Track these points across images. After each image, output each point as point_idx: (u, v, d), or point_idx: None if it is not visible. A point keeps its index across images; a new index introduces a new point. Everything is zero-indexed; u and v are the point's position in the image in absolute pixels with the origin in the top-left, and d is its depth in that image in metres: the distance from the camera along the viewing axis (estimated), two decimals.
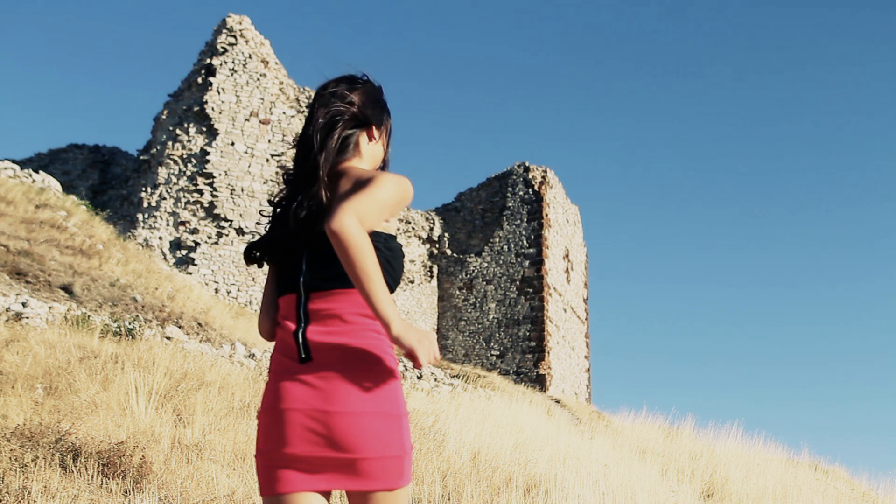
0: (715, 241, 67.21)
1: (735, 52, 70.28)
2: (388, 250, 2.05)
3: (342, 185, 2.06)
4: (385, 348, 2.03)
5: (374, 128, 2.18)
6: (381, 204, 1.94)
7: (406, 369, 12.73)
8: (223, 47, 22.07)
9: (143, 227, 20.82)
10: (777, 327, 64.15)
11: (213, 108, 21.39)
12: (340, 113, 2.11)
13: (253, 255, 2.19)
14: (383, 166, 2.23)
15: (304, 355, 2.00)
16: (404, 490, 2.01)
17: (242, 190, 21.18)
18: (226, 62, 21.92)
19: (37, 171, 17.84)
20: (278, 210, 2.16)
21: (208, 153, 21.12)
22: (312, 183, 2.06)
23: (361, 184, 1.98)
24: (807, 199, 67.34)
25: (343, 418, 1.93)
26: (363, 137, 2.17)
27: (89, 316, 8.60)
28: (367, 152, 2.19)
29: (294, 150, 2.18)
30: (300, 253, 2.06)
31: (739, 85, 70.76)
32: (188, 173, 21.14)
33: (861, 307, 63.72)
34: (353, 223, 1.84)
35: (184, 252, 20.58)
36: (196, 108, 21.45)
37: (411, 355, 1.90)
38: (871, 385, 59.35)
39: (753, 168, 69.76)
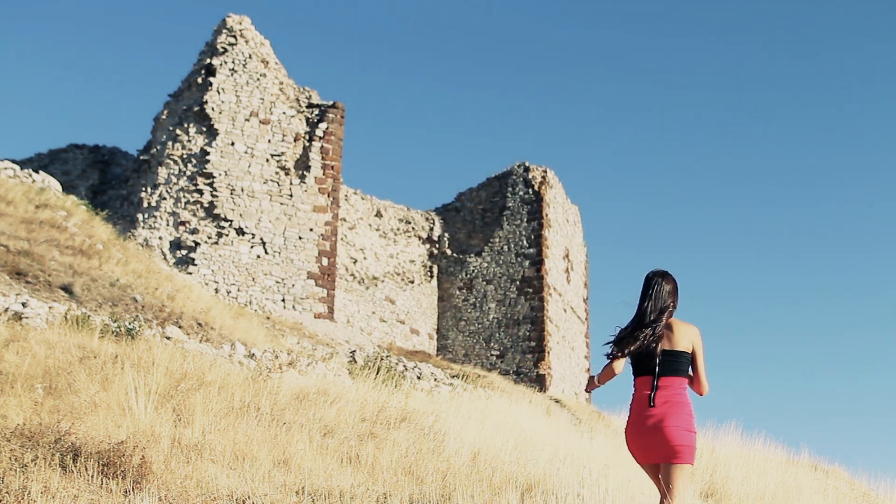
0: (715, 239, 67.29)
1: (737, 50, 70.35)
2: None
3: (677, 332, 4.52)
4: (689, 402, 4.45)
5: (677, 300, 4.67)
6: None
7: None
8: (223, 47, 22.07)
9: (143, 227, 20.82)
10: (776, 326, 64.22)
11: (213, 108, 21.38)
12: (666, 291, 4.60)
13: (615, 352, 4.58)
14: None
15: (651, 405, 4.40)
16: (691, 466, 4.39)
17: (242, 190, 21.17)
18: (226, 62, 21.91)
19: (37, 171, 17.83)
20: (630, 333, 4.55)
21: (208, 153, 21.12)
22: (655, 328, 4.52)
23: (697, 344, 4.54)
24: (809, 197, 67.43)
25: (671, 429, 4.32)
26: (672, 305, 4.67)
27: (89, 316, 8.60)
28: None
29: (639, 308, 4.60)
30: (653, 359, 4.47)
31: (741, 83, 70.85)
32: (188, 173, 21.13)
33: (861, 305, 63.81)
34: (708, 386, 4.60)
35: (184, 252, 20.57)
36: (196, 108, 21.45)
37: None
38: (872, 384, 59.42)
39: (754, 167, 69.84)
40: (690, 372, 4.54)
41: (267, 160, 21.64)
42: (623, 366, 4.59)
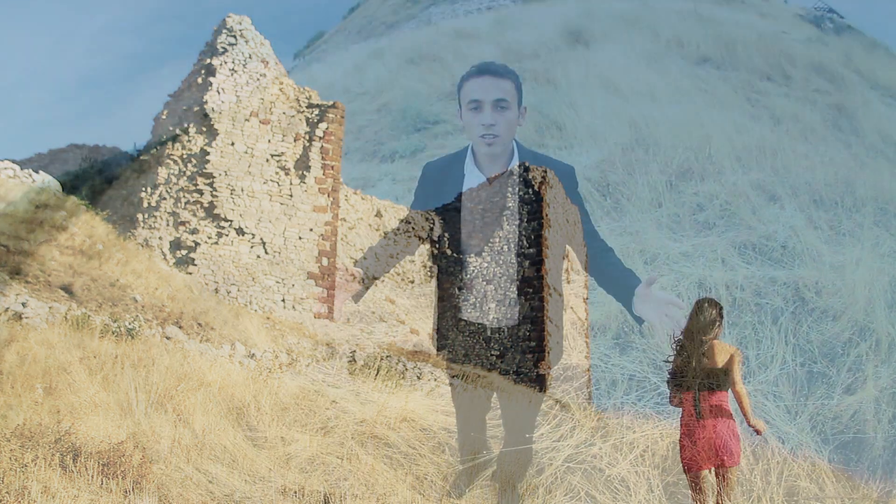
0: (713, 237, 67.10)
1: (741, 48, 70.19)
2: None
3: (716, 352, 5.18)
4: (730, 411, 5.14)
5: (723, 325, 5.28)
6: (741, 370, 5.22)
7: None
8: (223, 47, 22.05)
9: (143, 227, 20.80)
10: (775, 323, 64.10)
11: (213, 108, 21.38)
12: (713, 320, 5.27)
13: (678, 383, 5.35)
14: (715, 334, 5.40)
15: (699, 417, 5.08)
16: (738, 467, 5.16)
17: (242, 190, 21.16)
18: (226, 62, 21.90)
19: (37, 171, 17.83)
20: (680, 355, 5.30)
21: (208, 153, 21.11)
22: (698, 353, 5.18)
23: (733, 361, 5.21)
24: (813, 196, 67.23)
25: (720, 440, 5.04)
26: (716, 330, 5.31)
27: (89, 316, 8.60)
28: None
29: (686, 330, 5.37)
30: (697, 377, 5.12)
31: (743, 82, 70.68)
32: (188, 173, 21.12)
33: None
34: (744, 387, 5.12)
35: (184, 252, 20.56)
36: (196, 108, 21.44)
37: (757, 429, 5.14)
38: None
39: (752, 166, 69.67)
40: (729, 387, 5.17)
41: (267, 160, 21.62)
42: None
